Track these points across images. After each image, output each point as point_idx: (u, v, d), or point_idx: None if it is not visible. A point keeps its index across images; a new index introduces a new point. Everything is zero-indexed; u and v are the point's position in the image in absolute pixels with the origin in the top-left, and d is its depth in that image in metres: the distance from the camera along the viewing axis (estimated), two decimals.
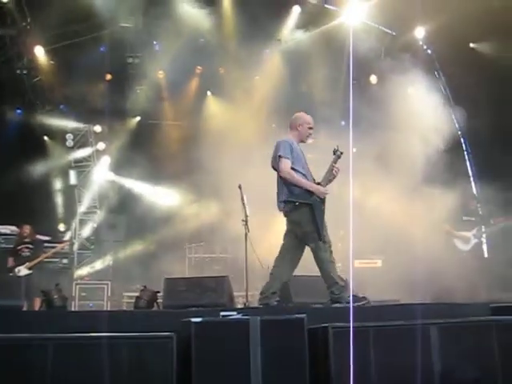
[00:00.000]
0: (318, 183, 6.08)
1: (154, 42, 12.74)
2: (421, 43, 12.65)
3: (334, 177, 6.19)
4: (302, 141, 6.32)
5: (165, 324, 4.46)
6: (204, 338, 3.89)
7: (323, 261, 6.01)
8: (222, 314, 4.43)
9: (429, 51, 12.73)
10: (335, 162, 6.16)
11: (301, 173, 6.05)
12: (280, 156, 6.04)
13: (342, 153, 6.18)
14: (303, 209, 5.97)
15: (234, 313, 4.47)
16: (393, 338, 4.16)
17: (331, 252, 6.04)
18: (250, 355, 3.93)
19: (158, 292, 7.54)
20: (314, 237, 5.94)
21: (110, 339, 3.79)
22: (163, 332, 3.96)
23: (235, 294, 9.84)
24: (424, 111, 11.39)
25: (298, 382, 3.97)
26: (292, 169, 6.02)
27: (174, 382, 3.79)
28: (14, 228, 10.65)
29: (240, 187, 8.26)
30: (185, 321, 4.06)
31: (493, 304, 5.14)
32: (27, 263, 9.58)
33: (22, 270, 9.49)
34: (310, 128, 6.30)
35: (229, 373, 3.88)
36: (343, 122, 11.79)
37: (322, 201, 6.02)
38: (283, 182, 6.10)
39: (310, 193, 5.98)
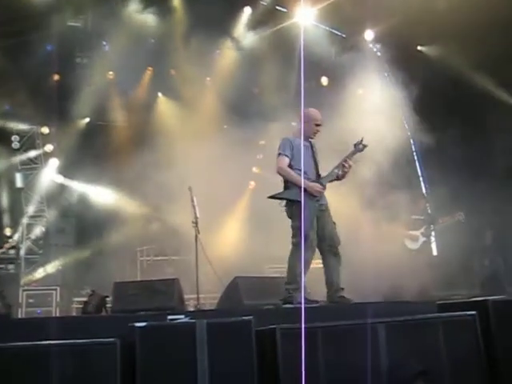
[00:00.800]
0: (319, 179, 6.08)
1: (104, 42, 12.50)
2: (370, 45, 12.80)
3: (345, 173, 6.21)
4: (309, 137, 6.28)
5: (112, 329, 4.33)
6: (149, 343, 3.79)
7: (294, 257, 6.05)
8: (170, 317, 4.33)
9: (378, 53, 12.87)
10: (350, 156, 6.20)
11: (298, 169, 6.11)
12: (278, 154, 6.22)
13: (365, 146, 6.22)
14: (295, 205, 6.04)
15: (182, 316, 4.38)
16: (341, 338, 4.14)
17: (312, 251, 6.01)
18: (197, 359, 3.85)
19: (107, 297, 7.41)
20: (295, 233, 6.02)
21: (51, 347, 3.64)
22: (110, 338, 3.84)
23: (188, 296, 9.76)
24: (374, 113, 11.53)
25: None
26: (290, 167, 6.12)
27: None
28: None
29: (190, 189, 8.19)
30: (129, 325, 3.94)
31: (439, 301, 5.18)
32: None
33: None
34: (317, 125, 6.31)
35: (175, 378, 3.79)
36: (294, 123, 11.81)
37: (318, 198, 6.05)
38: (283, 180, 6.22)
39: (304, 190, 5.99)
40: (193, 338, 3.89)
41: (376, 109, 11.70)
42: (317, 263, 7.25)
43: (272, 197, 6.29)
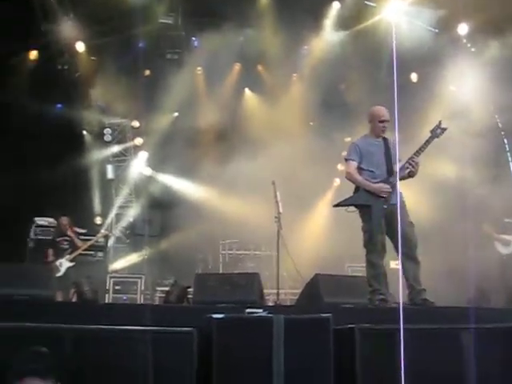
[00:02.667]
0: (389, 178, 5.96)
1: (193, 38, 12.73)
2: (464, 40, 12.27)
3: (413, 172, 6.00)
4: (378, 135, 6.19)
5: (191, 320, 4.37)
6: (225, 335, 3.78)
7: (366, 262, 6.03)
8: (248, 310, 4.32)
9: (472, 49, 12.31)
10: (427, 144, 5.98)
11: (368, 170, 6.09)
12: (345, 159, 6.28)
13: (443, 130, 6.03)
14: (364, 209, 6.03)
15: (260, 310, 4.35)
16: (423, 342, 3.97)
17: (379, 254, 5.88)
18: (273, 354, 3.80)
19: (189, 287, 7.50)
20: (365, 236, 6.02)
21: (128, 332, 3.71)
22: (188, 327, 3.88)
23: (268, 291, 9.78)
24: (466, 110, 11.08)
25: (322, 382, 3.81)
26: (359, 168, 6.11)
27: (193, 379, 3.68)
28: (51, 220, 10.77)
29: (273, 184, 8.17)
30: (207, 317, 3.95)
31: None
32: (67, 256, 9.69)
33: (64, 263, 9.60)
34: (382, 121, 6.17)
35: (250, 372, 3.76)
36: None
37: (386, 199, 5.91)
38: None
39: (370, 193, 5.97)
40: (270, 332, 3.84)
41: (468, 106, 11.26)
42: (396, 264, 7.07)
43: (337, 205, 6.27)
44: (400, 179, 6.12)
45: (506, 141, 12.27)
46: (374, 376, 3.79)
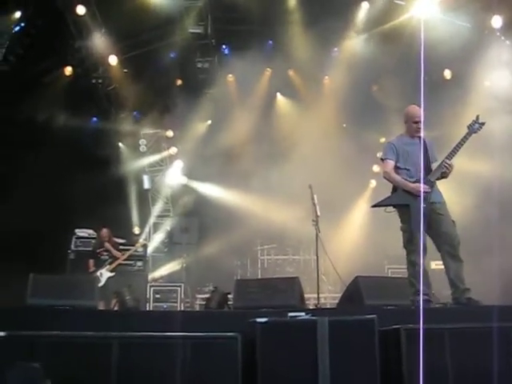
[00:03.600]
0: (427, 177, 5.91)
1: (223, 46, 12.81)
2: (498, 33, 12.03)
3: (446, 173, 5.95)
4: (413, 136, 6.17)
5: (234, 325, 4.39)
6: (270, 339, 3.79)
7: (408, 263, 5.96)
8: (290, 314, 4.31)
9: (507, 42, 12.07)
10: (464, 140, 5.88)
11: (405, 169, 6.06)
12: (381, 159, 6.28)
13: (482, 124, 5.94)
14: (402, 208, 5.98)
15: (303, 314, 4.34)
16: (469, 341, 3.91)
17: (418, 253, 5.80)
18: (318, 357, 3.79)
19: (229, 293, 7.52)
20: (404, 237, 5.95)
21: (174, 339, 3.75)
22: (231, 332, 3.90)
23: (308, 296, 9.73)
24: (503, 106, 10.87)
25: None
26: (396, 167, 6.08)
27: (238, 383, 3.70)
28: (91, 231, 10.96)
29: (310, 187, 8.15)
30: (251, 321, 3.96)
31: None
32: (108, 266, 9.83)
33: (105, 274, 9.74)
34: (416, 122, 6.11)
35: (296, 375, 3.76)
36: None
37: (425, 197, 5.83)
38: None
39: (408, 192, 5.91)
40: (314, 335, 3.84)
41: (504, 101, 11.04)
42: (436, 264, 6.95)
43: (376, 205, 6.25)
44: (438, 178, 6.05)
45: None
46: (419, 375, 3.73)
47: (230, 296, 7.59)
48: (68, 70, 11.44)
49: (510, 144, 10.31)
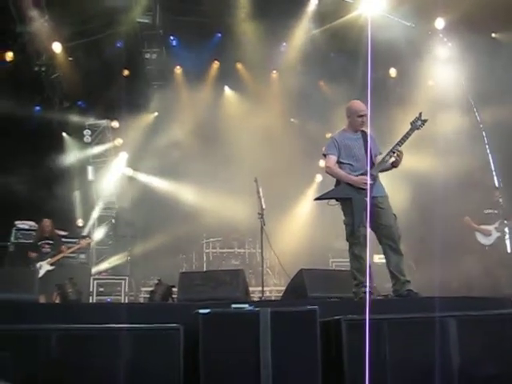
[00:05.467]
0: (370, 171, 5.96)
1: (172, 37, 12.66)
2: (441, 34, 12.35)
3: (397, 161, 6.01)
4: (356, 130, 6.21)
5: (177, 317, 4.35)
6: (212, 330, 3.78)
7: (350, 256, 6.03)
8: (234, 306, 4.30)
9: (449, 43, 12.40)
10: (407, 136, 5.96)
11: (348, 164, 6.10)
12: (323, 155, 6.29)
13: (424, 121, 6.01)
14: (345, 202, 6.04)
15: (246, 305, 4.34)
16: (409, 331, 3.99)
17: (361, 246, 5.88)
18: (260, 347, 3.80)
19: (173, 286, 7.46)
20: (347, 230, 6.02)
21: (115, 331, 3.68)
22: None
23: (253, 289, 9.78)
24: (445, 104, 11.17)
25: (310, 375, 3.82)
26: (339, 162, 6.12)
27: (180, 374, 3.67)
28: (32, 223, 10.66)
29: (256, 180, 8.16)
30: (193, 313, 3.93)
31: None
32: (49, 259, 9.57)
33: (44, 266, 9.47)
34: (360, 116, 6.16)
35: (237, 365, 3.75)
36: None
37: (366, 191, 5.87)
38: None
39: (351, 186, 5.98)
40: (256, 326, 3.84)
41: (447, 100, 11.35)
42: (380, 258, 7.09)
43: (318, 198, 6.35)
44: (384, 170, 6.16)
45: (484, 133, 12.37)
46: (361, 366, 3.79)
47: (174, 289, 7.52)
48: (9, 56, 11.06)
49: (451, 141, 10.61)
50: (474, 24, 10.65)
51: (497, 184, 11.56)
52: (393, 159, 6.00)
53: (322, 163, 12.44)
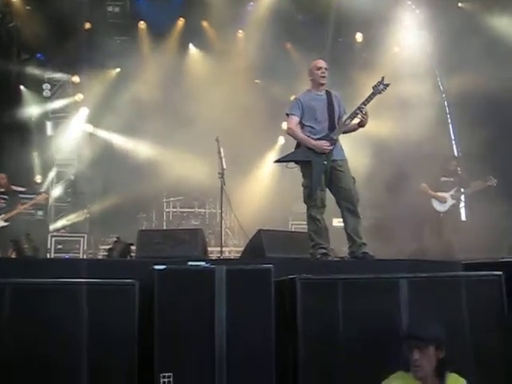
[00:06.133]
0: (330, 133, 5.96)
1: None
2: (409, 1, 12.36)
3: (363, 120, 6.02)
4: (321, 84, 6.16)
5: (134, 273, 4.34)
6: (167, 286, 3.78)
7: (307, 218, 6.08)
8: (190, 263, 4.31)
9: (417, 10, 12.42)
10: (368, 99, 5.97)
11: (309, 126, 6.08)
12: (286, 114, 6.24)
13: (386, 86, 6.01)
14: (304, 164, 6.04)
15: (203, 263, 4.35)
16: (363, 291, 4.07)
17: (318, 208, 5.94)
18: (216, 304, 3.83)
19: (132, 244, 7.42)
20: (305, 192, 6.04)
21: (69, 285, 3.67)
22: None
23: (212, 249, 9.85)
24: (409, 71, 11.23)
25: (264, 332, 3.88)
26: (301, 124, 6.10)
27: (135, 329, 3.69)
28: None
29: (217, 140, 8.13)
30: (149, 269, 3.93)
31: (465, 261, 5.07)
32: (3, 215, 9.38)
33: None
34: (319, 69, 6.16)
35: (192, 321, 3.78)
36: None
37: (327, 154, 5.90)
38: None
39: (311, 149, 5.97)
40: (212, 283, 3.86)
41: (411, 67, 11.42)
42: (339, 221, 7.19)
43: (278, 161, 6.40)
44: (349, 131, 6.19)
45: (446, 103, 12.54)
46: (314, 325, 3.87)
47: (133, 247, 7.49)
48: None
49: (413, 108, 10.73)
50: None
51: (456, 153, 11.78)
52: (357, 120, 6.03)
53: (284, 125, 12.52)
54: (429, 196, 9.45)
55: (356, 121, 6.06)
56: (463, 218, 10.75)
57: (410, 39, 12.09)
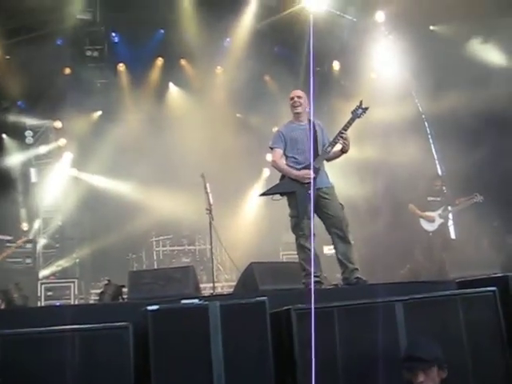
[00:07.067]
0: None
1: (113, 34, 12.44)
2: (382, 28, 12.58)
3: (345, 146, 6.02)
4: (295, 114, 6.24)
5: (127, 316, 4.29)
6: (162, 326, 3.75)
7: (297, 247, 6.11)
8: (183, 301, 4.27)
9: (390, 36, 12.64)
10: (348, 125, 6.00)
11: (292, 157, 6.14)
12: (270, 147, 6.31)
13: (365, 110, 6.04)
14: (290, 195, 6.08)
15: (196, 300, 4.32)
16: (357, 318, 4.06)
17: (307, 237, 5.92)
18: (211, 342, 3.79)
19: (123, 286, 7.35)
20: (292, 222, 6.08)
21: (61, 333, 3.61)
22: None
23: (204, 285, 9.76)
24: (388, 96, 11.38)
25: (262, 366, 3.84)
26: (285, 155, 6.18)
27: (131, 373, 3.62)
28: None
29: (203, 176, 8.15)
30: (142, 310, 3.89)
31: (458, 279, 5.07)
32: None
33: None
34: (291, 99, 6.26)
35: (189, 361, 3.73)
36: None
37: (311, 184, 5.89)
38: None
39: (295, 179, 6.02)
40: (206, 320, 3.83)
41: (389, 92, 11.57)
42: (329, 249, 7.18)
43: (263, 194, 6.46)
44: (332, 158, 6.22)
45: (426, 124, 12.68)
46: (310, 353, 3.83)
47: (124, 289, 7.41)
48: None
49: (394, 131, 10.84)
50: (412, 17, 10.90)
51: (440, 172, 11.87)
52: (339, 146, 6.06)
53: (269, 157, 12.59)
54: (417, 216, 9.50)
55: (338, 147, 6.09)
56: (453, 235, 10.79)
57: (385, 64, 12.25)
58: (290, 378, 3.85)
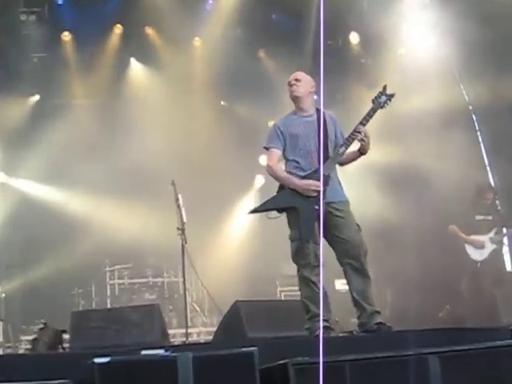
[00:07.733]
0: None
1: None
2: None
3: (363, 145, 6.04)
4: (304, 110, 6.22)
5: (68, 370, 4.30)
6: None
7: (299, 280, 6.10)
8: (144, 352, 4.28)
9: (426, 0, 12.74)
10: (368, 117, 6.02)
11: (293, 161, 6.15)
12: (265, 148, 6.36)
13: (389, 97, 6.06)
14: (290, 212, 6.07)
15: (161, 351, 4.33)
16: (377, 375, 4.06)
17: (312, 268, 5.92)
18: None
19: (64, 331, 7.36)
20: (293, 247, 6.06)
21: None
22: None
23: (174, 331, 9.76)
24: (420, 77, 11.44)
25: None
26: (284, 158, 6.21)
27: None
28: None
29: (173, 184, 8.17)
30: (87, 363, 3.89)
31: None
32: None
33: None
34: (288, 84, 6.27)
35: None
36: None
37: (317, 198, 5.85)
38: None
39: (296, 191, 6.02)
40: (174, 377, 3.82)
41: (424, 74, 11.62)
42: (342, 284, 7.21)
43: (254, 211, 6.53)
44: (349, 161, 6.23)
45: (474, 117, 12.73)
46: None
47: (66, 335, 7.43)
48: None
49: (429, 127, 10.88)
50: None
51: (492, 182, 11.88)
52: (356, 145, 6.07)
53: (263, 160, 12.63)
54: (461, 241, 9.54)
55: (355, 147, 6.10)
56: (508, 267, 10.85)
57: (419, 36, 12.31)
58: None
